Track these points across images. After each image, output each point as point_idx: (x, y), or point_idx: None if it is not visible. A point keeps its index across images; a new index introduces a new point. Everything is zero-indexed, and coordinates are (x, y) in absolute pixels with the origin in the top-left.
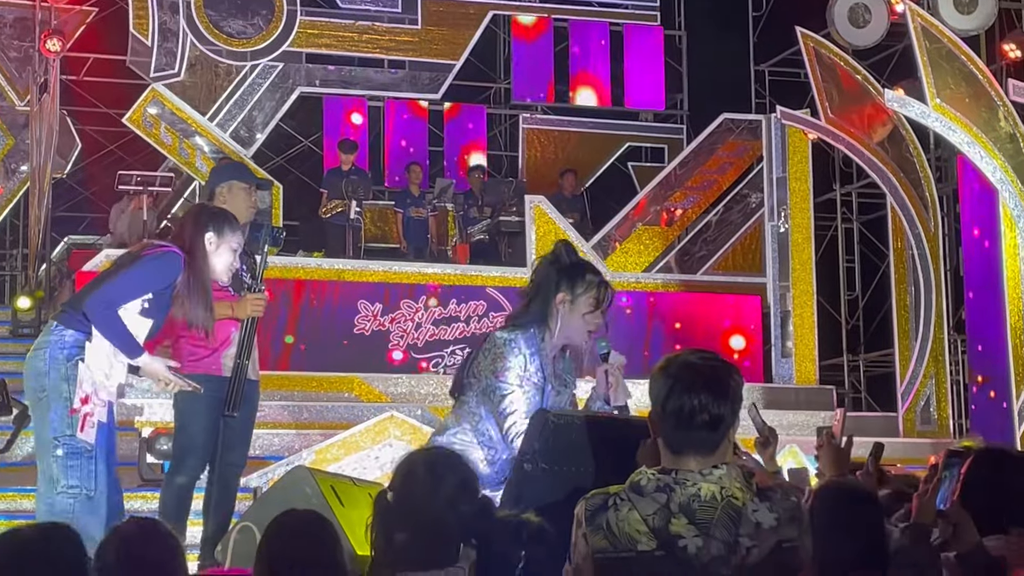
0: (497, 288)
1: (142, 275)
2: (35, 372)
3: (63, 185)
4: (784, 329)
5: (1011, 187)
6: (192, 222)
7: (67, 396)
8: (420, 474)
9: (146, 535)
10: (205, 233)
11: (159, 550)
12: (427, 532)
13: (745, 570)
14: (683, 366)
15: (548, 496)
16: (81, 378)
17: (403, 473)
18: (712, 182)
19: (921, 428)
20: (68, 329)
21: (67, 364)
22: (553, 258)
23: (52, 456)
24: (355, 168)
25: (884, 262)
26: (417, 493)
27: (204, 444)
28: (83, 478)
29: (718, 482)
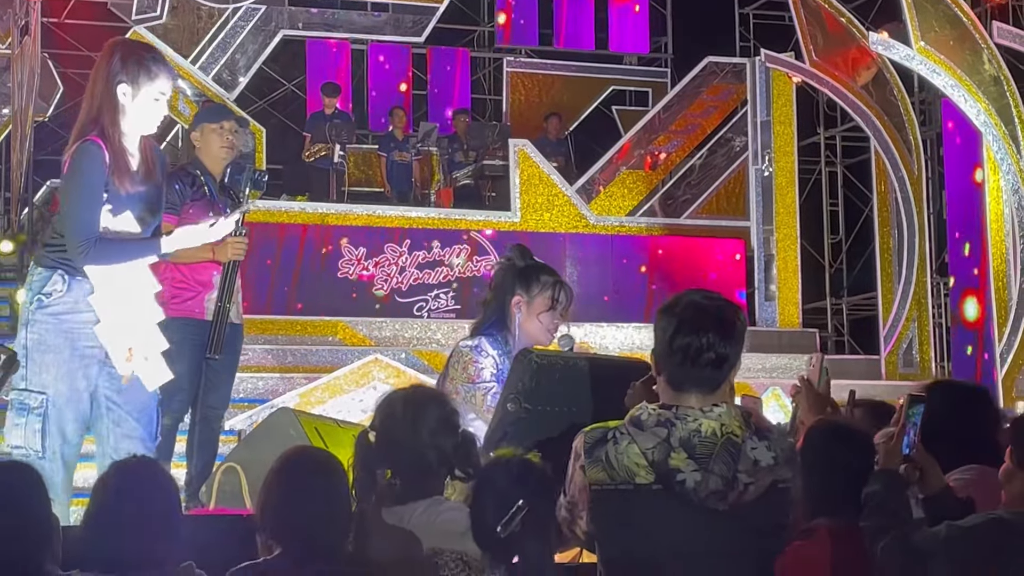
0: (481, 231)
1: (78, 186)
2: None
3: (45, 128)
4: (767, 272)
5: (995, 130)
6: (101, 75)
7: (24, 344)
8: (400, 411)
9: (145, 471)
10: (116, 87)
11: (158, 486)
12: (409, 468)
13: (741, 507)
14: (690, 305)
15: (531, 436)
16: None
17: (383, 411)
18: (696, 126)
19: (903, 371)
20: (36, 267)
21: (29, 308)
22: (508, 262)
23: (6, 407)
24: (338, 111)
25: (868, 205)
26: (397, 430)
27: (186, 386)
28: (27, 436)
29: (718, 419)
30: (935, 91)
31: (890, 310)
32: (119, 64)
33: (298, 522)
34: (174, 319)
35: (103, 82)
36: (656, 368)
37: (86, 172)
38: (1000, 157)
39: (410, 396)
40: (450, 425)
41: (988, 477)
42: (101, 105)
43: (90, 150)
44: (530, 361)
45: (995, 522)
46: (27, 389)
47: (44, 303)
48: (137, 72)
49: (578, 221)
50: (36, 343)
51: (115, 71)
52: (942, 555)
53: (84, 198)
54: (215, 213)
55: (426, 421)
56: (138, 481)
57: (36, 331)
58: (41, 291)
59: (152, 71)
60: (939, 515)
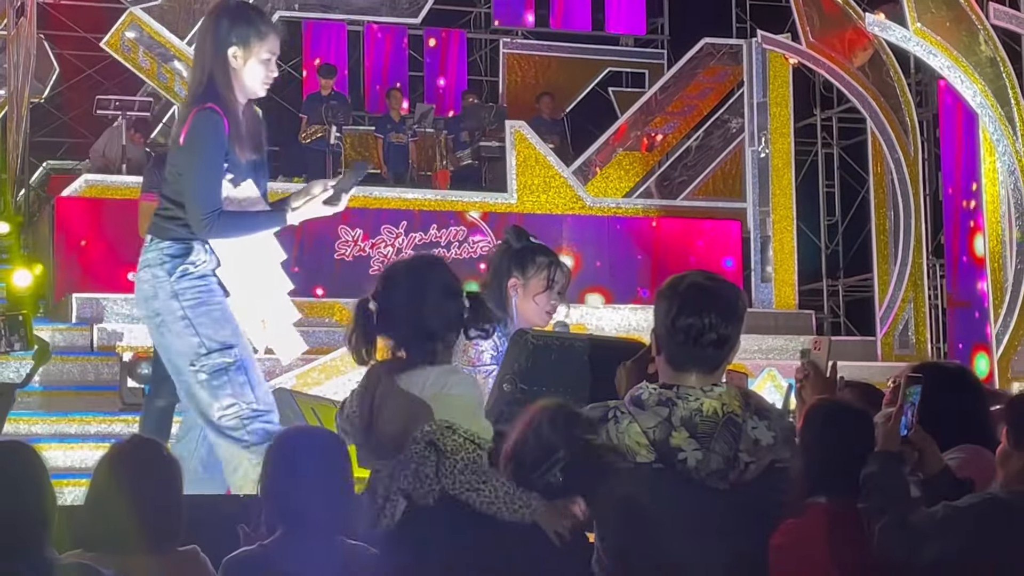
0: (478, 213)
1: (200, 157)
2: (143, 297)
3: (41, 110)
4: (764, 254)
5: (991, 112)
6: (210, 40)
7: (183, 315)
8: (402, 279)
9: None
10: (226, 50)
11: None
12: (414, 335)
13: (741, 486)
14: (692, 286)
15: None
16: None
17: (384, 281)
18: (692, 107)
19: (899, 352)
20: (163, 240)
21: (171, 280)
22: (504, 244)
23: (195, 383)
24: (335, 93)
25: (864, 187)
26: (400, 298)
27: None
28: (239, 393)
29: (719, 398)
30: (931, 72)
31: (886, 291)
32: (227, 26)
33: (298, 502)
34: None
35: (212, 47)
36: (656, 348)
37: (207, 142)
38: (996, 138)
39: (412, 264)
40: (452, 290)
41: (981, 456)
42: (212, 71)
43: (211, 118)
44: (526, 342)
45: (991, 502)
46: (210, 351)
47: (189, 272)
48: (247, 33)
49: (575, 203)
50: (195, 306)
51: (223, 34)
52: (939, 535)
53: (206, 169)
54: None
55: (429, 288)
56: (142, 462)
57: (189, 297)
58: (185, 262)
59: (262, 31)
60: (938, 496)
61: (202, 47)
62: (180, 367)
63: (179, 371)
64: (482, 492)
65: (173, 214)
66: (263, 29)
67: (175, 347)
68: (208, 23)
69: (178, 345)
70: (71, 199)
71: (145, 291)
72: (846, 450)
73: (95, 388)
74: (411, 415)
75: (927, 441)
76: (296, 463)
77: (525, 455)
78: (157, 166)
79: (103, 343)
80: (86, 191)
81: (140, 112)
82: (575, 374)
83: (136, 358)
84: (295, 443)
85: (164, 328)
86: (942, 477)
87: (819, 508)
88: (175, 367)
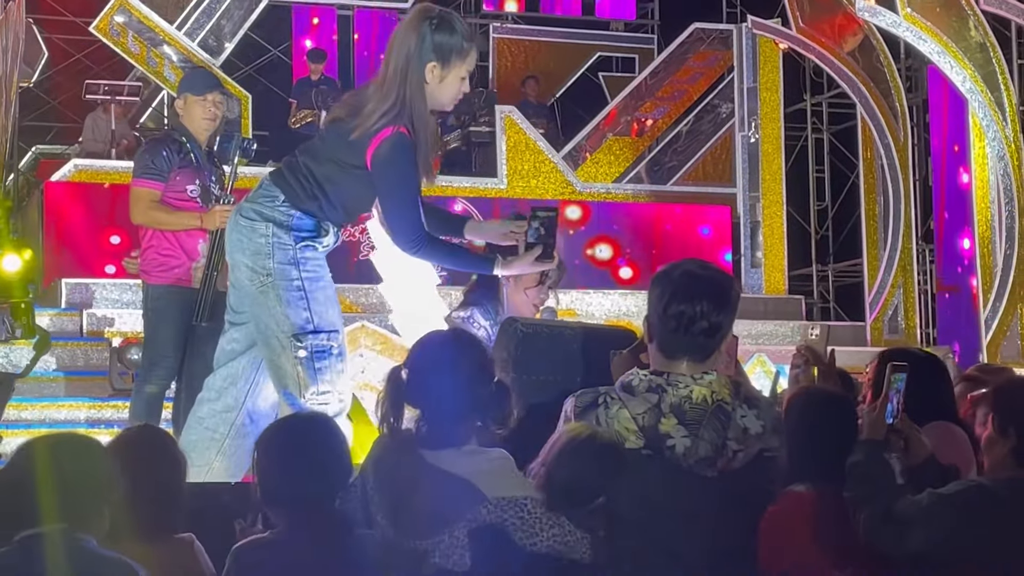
0: (468, 199)
1: (402, 183)
2: (252, 250)
3: (30, 94)
4: (753, 239)
5: (980, 97)
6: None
7: (299, 285)
8: (437, 352)
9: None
10: (426, 63)
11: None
12: (441, 411)
13: (728, 474)
14: (685, 274)
15: (516, 405)
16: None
17: (420, 350)
18: (683, 92)
19: (889, 337)
20: (293, 208)
21: (296, 247)
22: None
23: (294, 357)
24: (325, 78)
25: (854, 172)
26: (433, 370)
27: (172, 354)
28: (334, 381)
29: (709, 386)
30: (921, 58)
31: (875, 277)
32: (429, 39)
33: (297, 491)
34: (160, 286)
35: (410, 60)
36: (648, 335)
37: (407, 168)
38: (986, 124)
39: (449, 338)
40: (487, 373)
41: (952, 433)
42: (409, 86)
43: (406, 145)
44: (515, 330)
45: (976, 489)
46: (318, 331)
47: (314, 247)
48: (449, 50)
49: (565, 188)
50: (313, 280)
51: (425, 48)
52: (924, 523)
53: (410, 193)
54: (201, 180)
55: (465, 364)
56: (146, 451)
57: (310, 268)
58: (314, 240)
59: (463, 48)
60: (923, 484)
61: (400, 57)
62: (277, 335)
63: (273, 338)
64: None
65: (314, 193)
66: (465, 46)
67: (280, 314)
68: (408, 32)
69: (285, 313)
70: (60, 184)
71: (257, 244)
72: (827, 437)
73: (84, 373)
74: (457, 496)
75: (913, 429)
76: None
77: (567, 487)
78: (150, 151)
79: (92, 328)
80: (75, 176)
81: (129, 96)
82: (565, 361)
83: (126, 343)
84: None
85: (272, 291)
86: (927, 465)
87: (802, 495)
88: (269, 333)
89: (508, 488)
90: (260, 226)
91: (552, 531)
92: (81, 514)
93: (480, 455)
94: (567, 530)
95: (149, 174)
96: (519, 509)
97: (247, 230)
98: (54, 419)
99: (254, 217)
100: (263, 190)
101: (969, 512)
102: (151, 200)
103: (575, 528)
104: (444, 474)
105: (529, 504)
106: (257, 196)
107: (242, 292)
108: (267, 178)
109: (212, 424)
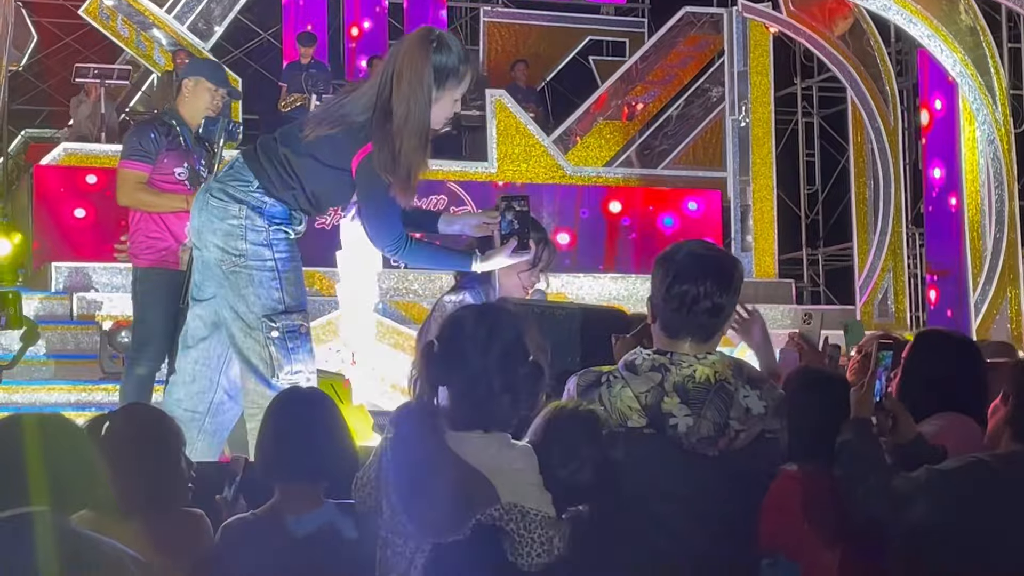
0: (458, 183)
1: (381, 195)
2: (223, 231)
3: (19, 78)
4: (744, 223)
5: (971, 81)
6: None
7: (272, 266)
8: (470, 327)
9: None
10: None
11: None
12: (470, 390)
13: (730, 454)
14: (689, 255)
15: None
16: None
17: (452, 326)
18: (673, 76)
19: (879, 321)
20: (268, 196)
21: (268, 229)
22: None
23: (265, 338)
24: (315, 62)
25: (844, 156)
26: (464, 346)
27: (162, 335)
28: (306, 361)
29: (712, 366)
30: (911, 41)
31: (866, 260)
32: (430, 66)
33: (293, 464)
34: (149, 268)
35: (407, 78)
36: (651, 315)
37: (383, 186)
38: (976, 108)
39: (483, 312)
40: (522, 350)
41: (963, 424)
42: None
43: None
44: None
45: (976, 465)
46: (289, 311)
47: (286, 232)
48: (446, 73)
49: (555, 172)
50: (286, 260)
51: (428, 78)
52: (925, 497)
53: (388, 204)
54: (189, 163)
55: (498, 342)
56: (143, 426)
57: (283, 250)
58: (287, 227)
59: (460, 71)
60: (911, 464)
61: (399, 73)
62: (246, 317)
63: (241, 320)
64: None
65: (290, 184)
66: (462, 69)
67: (251, 295)
68: (407, 51)
69: (256, 294)
70: (50, 167)
71: (229, 226)
72: (814, 416)
73: (74, 357)
74: (472, 492)
75: (901, 408)
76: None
77: (551, 458)
78: (137, 133)
79: (83, 312)
80: (65, 159)
81: (119, 80)
82: (556, 341)
83: (116, 326)
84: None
85: (243, 272)
86: (915, 444)
87: (790, 475)
88: (239, 314)
89: (524, 496)
90: (233, 208)
91: (544, 547)
92: (68, 494)
93: (507, 451)
94: (558, 543)
95: (137, 156)
96: (528, 523)
97: (219, 211)
98: (44, 402)
99: (225, 199)
100: (235, 172)
101: (969, 488)
102: (137, 182)
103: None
104: (464, 465)
105: (539, 519)
106: (228, 177)
107: (208, 271)
108: (239, 160)
109: (190, 405)
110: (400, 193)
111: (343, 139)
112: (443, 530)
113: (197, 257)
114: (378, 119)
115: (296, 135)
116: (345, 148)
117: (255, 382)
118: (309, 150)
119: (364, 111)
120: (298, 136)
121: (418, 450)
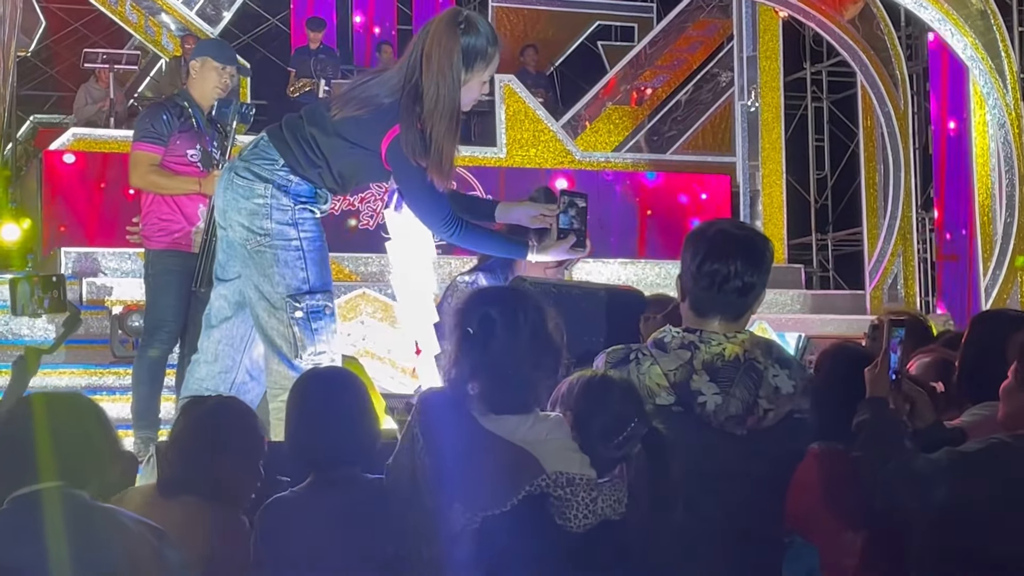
0: (467, 168)
1: (422, 178)
2: (248, 210)
3: (28, 63)
4: (753, 208)
5: (981, 64)
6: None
7: (297, 246)
8: (500, 311)
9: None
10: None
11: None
12: (500, 375)
13: (758, 433)
14: (720, 233)
15: None
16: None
17: (482, 308)
18: (682, 61)
19: (888, 305)
20: (294, 173)
21: (294, 208)
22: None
23: (289, 319)
24: (323, 47)
25: (853, 141)
26: (495, 331)
27: (174, 318)
28: (329, 341)
29: (741, 345)
30: (922, 25)
31: (875, 245)
32: (459, 48)
33: (322, 445)
34: (161, 251)
35: (437, 60)
36: (681, 293)
37: (418, 169)
38: (986, 92)
39: (516, 296)
40: (546, 330)
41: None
42: (436, 84)
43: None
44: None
45: (998, 446)
46: (314, 291)
47: (311, 211)
48: (475, 55)
49: (564, 157)
50: (311, 240)
51: (458, 60)
52: (946, 481)
53: (428, 187)
54: (201, 145)
55: (527, 325)
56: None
57: (308, 229)
58: (313, 206)
59: (488, 53)
60: (928, 448)
61: (428, 55)
62: (271, 296)
63: (266, 299)
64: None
65: (317, 163)
66: (490, 51)
67: (276, 274)
68: (439, 32)
69: (282, 273)
70: (59, 152)
71: (255, 205)
72: (837, 394)
73: (85, 342)
74: (514, 464)
75: (919, 393)
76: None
77: (592, 431)
78: (150, 115)
79: (92, 297)
80: (74, 145)
81: (128, 65)
82: (572, 321)
83: (126, 311)
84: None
85: (268, 250)
86: (933, 429)
87: (812, 452)
88: (263, 294)
89: (566, 463)
90: (258, 187)
91: (588, 508)
92: (76, 470)
93: (541, 424)
94: (602, 503)
95: (149, 138)
96: (575, 488)
97: (244, 189)
98: (55, 386)
99: (251, 177)
100: (259, 150)
101: (991, 470)
102: (150, 164)
103: (608, 496)
104: (504, 442)
105: (583, 482)
106: (253, 156)
107: (232, 251)
108: (264, 138)
109: (212, 385)
110: (436, 176)
111: (370, 120)
112: (493, 505)
113: (222, 236)
114: (406, 102)
115: (323, 114)
116: (373, 130)
117: (278, 362)
118: (336, 129)
119: (392, 93)
120: (325, 115)
121: (455, 435)
